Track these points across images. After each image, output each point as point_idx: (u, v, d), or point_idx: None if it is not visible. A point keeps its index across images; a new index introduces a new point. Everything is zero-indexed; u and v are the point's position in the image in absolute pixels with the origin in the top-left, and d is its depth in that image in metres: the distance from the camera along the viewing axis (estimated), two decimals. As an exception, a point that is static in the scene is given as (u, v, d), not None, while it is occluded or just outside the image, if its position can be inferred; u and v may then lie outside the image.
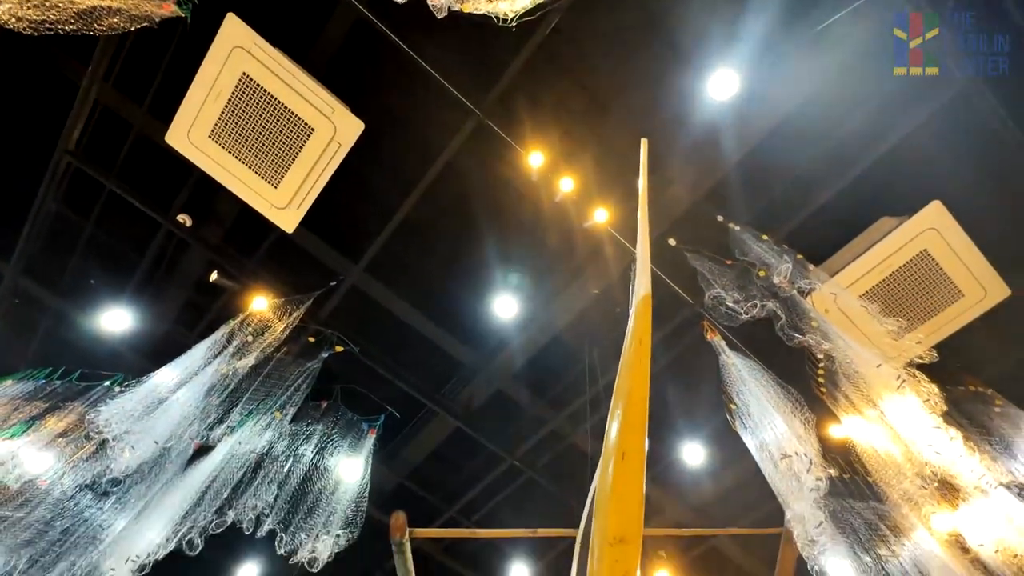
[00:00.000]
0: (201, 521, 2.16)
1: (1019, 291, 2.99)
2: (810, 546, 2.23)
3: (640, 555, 2.23)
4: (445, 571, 4.97)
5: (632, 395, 2.01)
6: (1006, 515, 2.70)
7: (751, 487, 4.14)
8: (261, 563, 4.97)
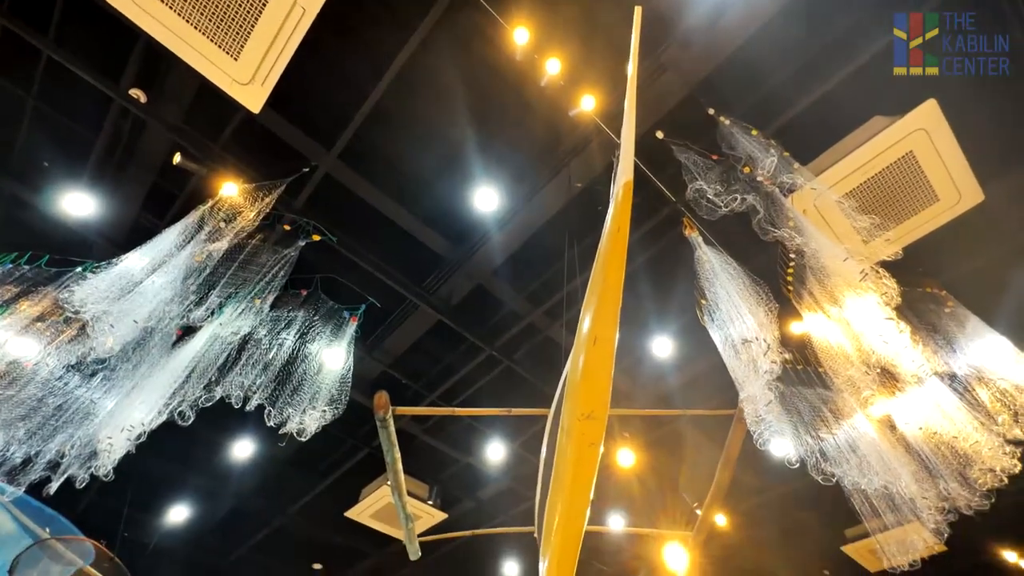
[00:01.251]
0: (190, 396, 2.26)
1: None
2: (758, 423, 2.46)
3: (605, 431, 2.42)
4: (427, 450, 5.43)
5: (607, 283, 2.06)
6: (934, 401, 3.00)
7: (713, 379, 4.47)
8: (255, 440, 5.33)
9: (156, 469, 5.79)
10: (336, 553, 7.07)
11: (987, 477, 2.90)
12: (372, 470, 5.55)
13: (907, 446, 3.06)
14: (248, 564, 7.36)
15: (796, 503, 5.71)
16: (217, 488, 6.02)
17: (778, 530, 6.08)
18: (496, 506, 5.97)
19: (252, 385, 2.33)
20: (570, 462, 2.59)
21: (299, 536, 6.76)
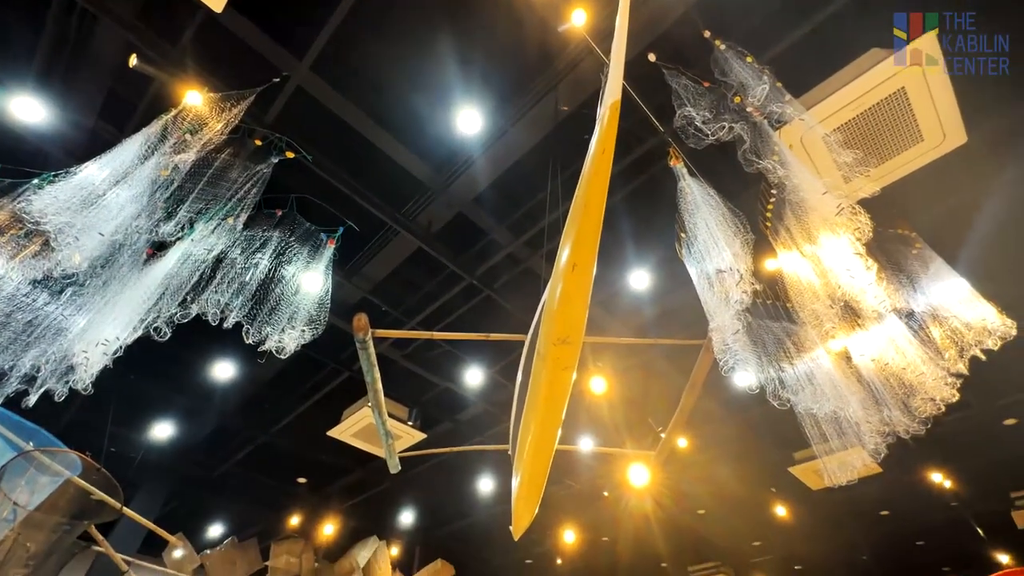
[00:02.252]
0: (165, 312, 2.24)
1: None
2: (725, 352, 2.58)
3: (579, 356, 2.49)
4: (407, 374, 5.58)
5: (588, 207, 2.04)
6: (890, 336, 3.18)
7: (686, 313, 4.61)
8: (236, 362, 5.39)
9: (138, 388, 5.85)
10: (320, 468, 7.43)
11: (927, 406, 3.14)
12: (353, 393, 5.71)
13: (859, 376, 3.27)
14: (233, 478, 7.70)
15: (751, 429, 6.15)
16: (200, 407, 6.15)
17: (733, 453, 6.58)
18: (473, 428, 6.27)
19: (229, 303, 2.31)
20: (544, 385, 2.70)
21: (283, 453, 7.04)
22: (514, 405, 3.13)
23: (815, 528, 8.32)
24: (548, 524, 8.39)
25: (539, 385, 2.78)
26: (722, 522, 8.23)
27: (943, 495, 7.18)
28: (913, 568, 7.30)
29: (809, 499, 7.33)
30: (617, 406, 5.61)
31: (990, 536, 8.33)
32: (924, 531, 8.44)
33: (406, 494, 8.12)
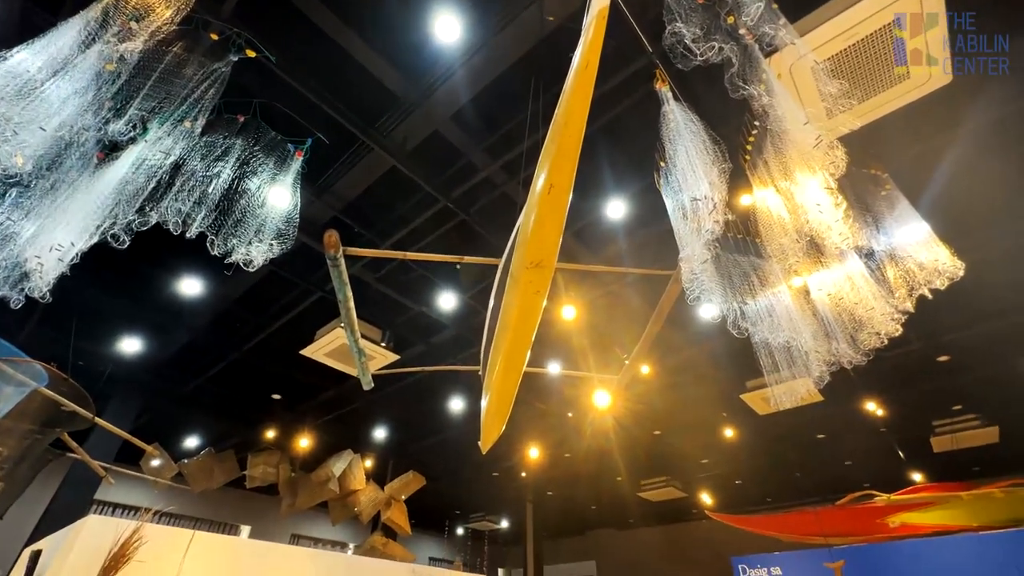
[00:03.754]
0: (122, 219, 2.13)
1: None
2: (692, 281, 2.65)
3: (551, 281, 2.50)
4: (381, 297, 5.58)
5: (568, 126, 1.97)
6: (847, 273, 3.32)
7: (659, 246, 4.68)
8: (203, 279, 5.27)
9: (101, 302, 5.70)
10: (294, 386, 7.58)
11: (872, 339, 3.35)
12: (326, 314, 5.72)
13: (814, 311, 3.44)
14: (207, 394, 7.80)
15: (708, 359, 6.50)
16: (169, 323, 6.07)
17: (690, 380, 7.00)
18: (446, 351, 6.43)
19: (191, 213, 2.21)
20: (516, 308, 2.74)
21: (256, 370, 7.12)
22: (486, 328, 3.19)
23: (757, 449, 9.13)
24: (514, 442, 8.92)
25: (511, 308, 2.82)
26: (675, 442, 8.92)
27: (874, 422, 7.90)
28: (838, 484, 8.16)
29: (755, 423, 7.96)
30: (585, 333, 5.81)
31: (909, 458, 9.33)
32: (852, 453, 9.36)
33: (380, 412, 8.42)
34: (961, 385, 6.84)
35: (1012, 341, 5.93)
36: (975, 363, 6.38)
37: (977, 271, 3.27)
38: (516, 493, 12.22)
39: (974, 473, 9.55)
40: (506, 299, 2.62)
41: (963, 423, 7.91)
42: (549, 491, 11.91)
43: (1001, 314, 5.56)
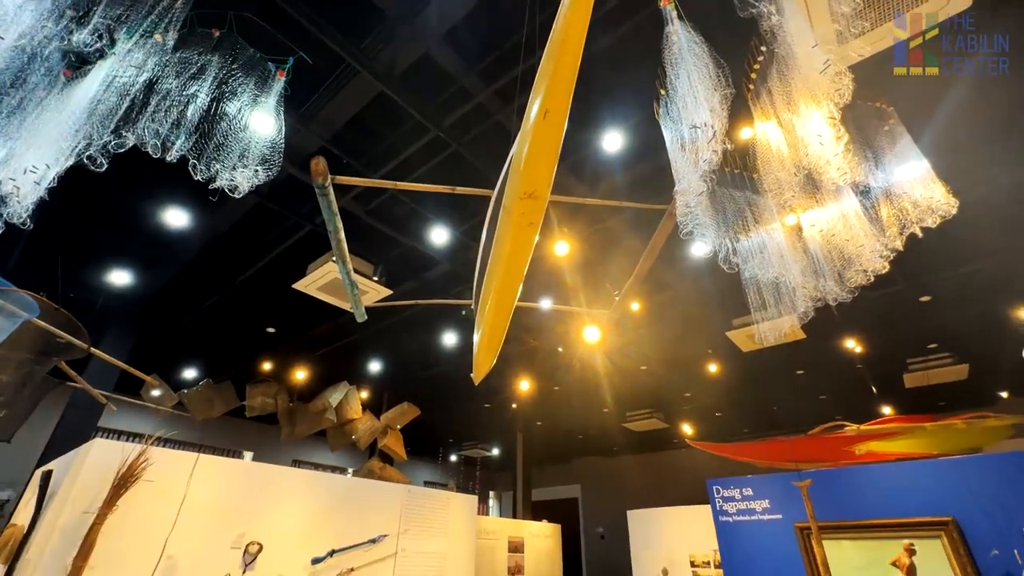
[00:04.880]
0: (98, 139, 2.03)
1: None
2: (686, 215, 2.63)
3: (544, 212, 2.47)
4: (371, 231, 5.51)
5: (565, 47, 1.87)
6: (841, 210, 3.31)
7: (655, 182, 4.60)
8: (188, 209, 5.15)
9: (86, 234, 5.59)
10: (288, 320, 7.65)
11: (859, 277, 3.40)
12: (317, 248, 5.67)
13: (805, 247, 3.46)
14: (200, 327, 7.87)
15: (697, 297, 6.61)
16: (157, 256, 6.00)
17: (678, 318, 7.15)
18: (439, 287, 6.46)
19: (169, 134, 2.11)
20: (509, 240, 2.72)
21: (249, 304, 7.15)
22: (478, 261, 3.19)
23: (738, 384, 9.52)
24: (506, 375, 9.22)
25: (504, 240, 2.81)
26: (660, 377, 9.25)
27: (851, 359, 8.21)
28: (812, 417, 8.59)
29: (738, 360, 8.25)
30: (577, 269, 5.84)
31: (881, 393, 9.80)
32: (828, 388, 9.80)
33: (374, 346, 8.59)
34: (939, 325, 7.07)
35: (993, 283, 6.06)
36: (955, 304, 6.55)
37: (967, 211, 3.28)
38: (507, 423, 12.80)
39: (940, 407, 10.09)
40: (499, 231, 2.60)
41: (936, 361, 8.25)
42: (538, 421, 12.48)
43: (987, 256, 5.65)
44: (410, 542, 6.44)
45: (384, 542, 6.08)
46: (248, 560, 4.86)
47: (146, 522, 4.34)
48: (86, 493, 4.10)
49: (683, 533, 8.59)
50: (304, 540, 5.38)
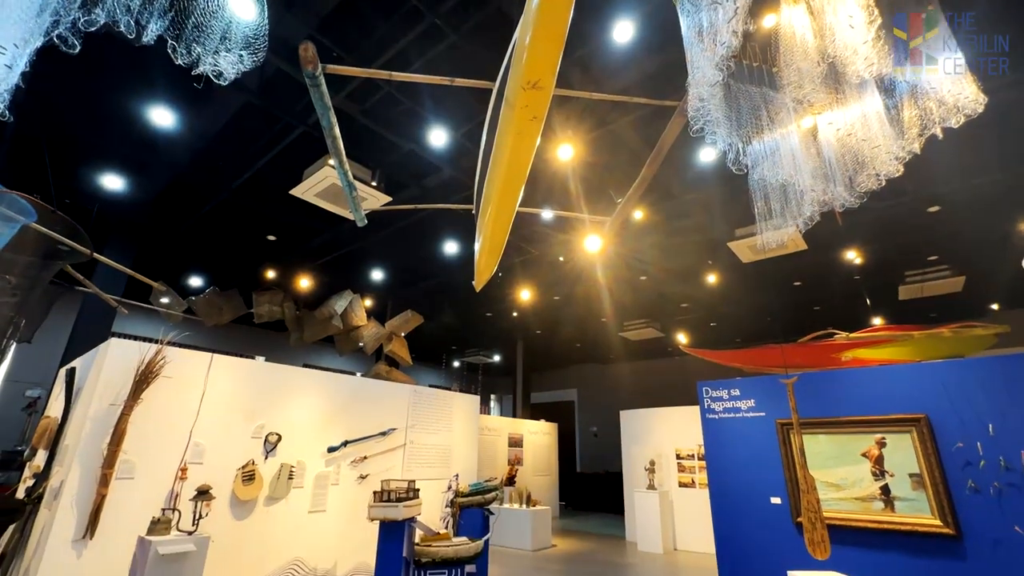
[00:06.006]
0: (66, 16, 1.87)
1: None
2: (698, 109, 2.50)
3: (548, 105, 2.33)
4: (368, 134, 5.29)
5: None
6: (861, 109, 3.14)
7: (666, 78, 4.32)
8: (175, 110, 4.90)
9: (73, 137, 5.38)
10: (288, 228, 7.61)
11: (871, 181, 3.31)
12: (312, 152, 5.48)
13: (818, 149, 3.33)
14: (200, 234, 7.85)
15: (701, 206, 6.51)
16: (148, 160, 5.82)
17: (681, 227, 7.10)
18: (438, 194, 6.33)
19: (142, 9, 1.93)
20: (511, 136, 2.61)
21: (247, 211, 7.07)
22: (479, 163, 3.08)
23: (736, 295, 9.69)
24: (507, 285, 9.36)
25: (506, 136, 2.69)
26: (659, 287, 9.40)
27: (850, 270, 8.28)
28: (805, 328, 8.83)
29: (738, 271, 8.32)
30: (580, 175, 5.69)
31: (874, 305, 10.01)
32: (823, 299, 9.99)
33: (376, 255, 8.63)
34: (942, 236, 7.03)
35: (1006, 195, 5.93)
36: (963, 215, 6.46)
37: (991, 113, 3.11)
38: (507, 331, 13.24)
39: (931, 319, 10.36)
40: (500, 128, 2.49)
41: (934, 273, 8.32)
42: (538, 330, 12.89)
43: (1003, 167, 5.47)
44: (417, 435, 6.94)
45: (393, 435, 6.56)
46: (269, 448, 5.27)
47: (171, 414, 4.65)
48: (110, 387, 4.34)
49: (670, 430, 9.24)
50: (319, 432, 5.81)
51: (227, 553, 4.71)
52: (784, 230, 4.01)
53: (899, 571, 4.53)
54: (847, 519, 4.81)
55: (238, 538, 4.84)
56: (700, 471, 8.63)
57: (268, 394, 5.43)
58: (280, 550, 5.12)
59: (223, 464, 4.87)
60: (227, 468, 4.89)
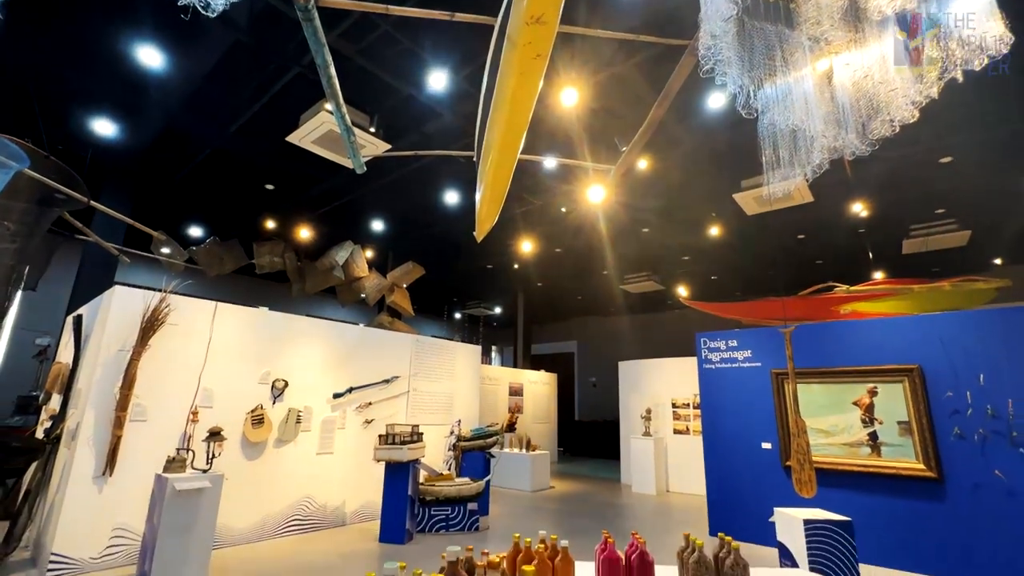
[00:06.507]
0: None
1: None
2: (709, 47, 2.39)
3: (552, 42, 2.23)
4: (365, 76, 5.09)
5: None
6: (881, 51, 3.00)
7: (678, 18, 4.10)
8: (162, 50, 4.70)
9: (58, 76, 5.18)
10: (287, 176, 7.48)
11: (884, 128, 3.21)
12: (307, 97, 5.29)
13: (832, 94, 3.21)
14: (198, 183, 7.73)
15: (707, 156, 6.35)
16: (138, 102, 5.64)
17: (686, 178, 6.96)
18: (440, 141, 6.17)
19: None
20: (513, 75, 2.51)
21: (243, 159, 6.92)
22: (480, 107, 2.98)
23: (738, 248, 9.64)
24: (508, 236, 9.31)
25: (508, 76, 2.59)
26: (661, 239, 9.34)
27: (855, 223, 8.19)
28: (805, 280, 8.83)
29: (742, 223, 8.24)
30: (584, 121, 5.53)
31: (876, 259, 9.97)
32: (826, 252, 9.95)
33: (376, 205, 8.53)
34: (951, 189, 6.90)
35: (1022, 147, 5.77)
36: (975, 167, 6.31)
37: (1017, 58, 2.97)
38: (508, 283, 13.29)
39: (933, 273, 10.34)
40: (503, 67, 2.39)
41: (940, 227, 8.23)
42: (539, 282, 12.94)
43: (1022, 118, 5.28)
44: (420, 383, 7.12)
45: (397, 383, 6.72)
46: (276, 394, 5.42)
47: (179, 361, 4.75)
48: (118, 333, 4.42)
49: (667, 381, 9.46)
50: (324, 379, 5.95)
51: (241, 490, 4.94)
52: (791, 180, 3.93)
53: (882, 511, 4.76)
54: (835, 463, 5.01)
55: (250, 477, 5.06)
56: (695, 419, 8.90)
57: (273, 342, 5.53)
58: (291, 488, 5.37)
59: (232, 408, 5.02)
60: (236, 412, 5.05)
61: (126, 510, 4.16)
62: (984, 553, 4.23)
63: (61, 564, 3.80)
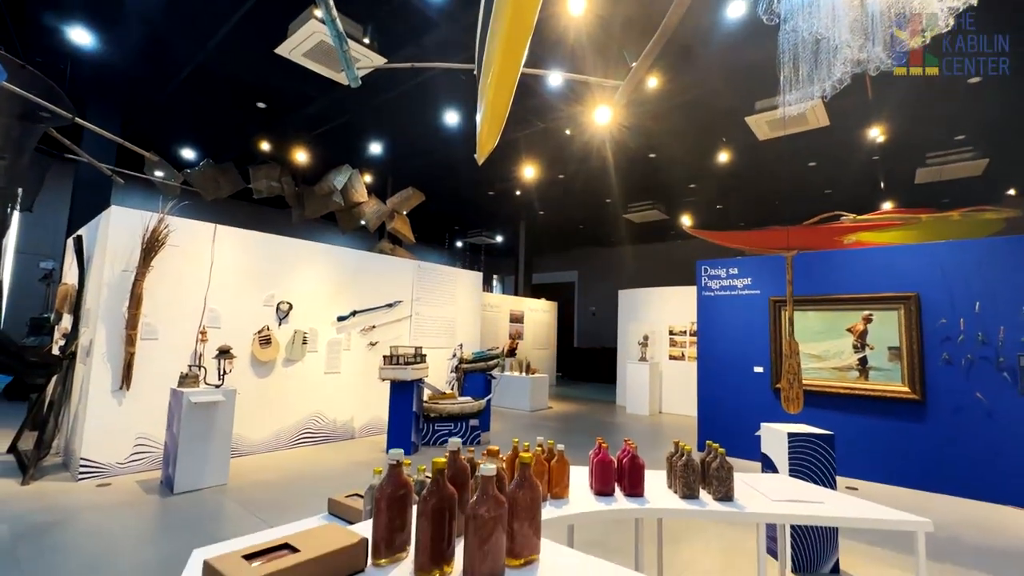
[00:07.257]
0: None
1: None
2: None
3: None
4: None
5: None
6: (923, -54, 2.72)
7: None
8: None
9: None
10: (278, 94, 7.14)
11: (915, 40, 3.00)
12: (294, 6, 4.91)
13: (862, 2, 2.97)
14: (185, 101, 7.39)
15: (720, 74, 5.99)
16: (113, 7, 5.25)
17: (697, 98, 6.62)
18: (439, 54, 5.81)
19: None
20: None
21: (231, 74, 6.57)
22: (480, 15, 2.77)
23: (747, 176, 9.38)
24: (510, 161, 9.04)
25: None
26: (668, 166, 9.07)
27: (870, 150, 7.90)
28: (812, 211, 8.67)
29: (752, 149, 7.95)
30: (590, 33, 5.17)
31: (888, 188, 9.73)
32: (836, 181, 9.69)
33: (373, 125, 8.21)
34: (974, 112, 6.58)
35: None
36: (1003, 90, 5.97)
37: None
38: (510, 211, 13.11)
39: (943, 204, 10.14)
40: (504, -37, 2.19)
41: (956, 155, 7.94)
42: (541, 211, 12.75)
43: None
44: (422, 308, 7.24)
45: (399, 307, 6.84)
46: (281, 316, 5.53)
47: (184, 282, 4.80)
48: (120, 254, 4.43)
49: (666, 309, 9.61)
50: (328, 302, 6.04)
51: (253, 405, 5.19)
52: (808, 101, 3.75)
53: (865, 430, 5.01)
54: (823, 386, 5.20)
55: (262, 393, 5.30)
56: (690, 346, 9.14)
57: (276, 265, 5.56)
58: (300, 404, 5.64)
59: (239, 328, 5.15)
60: (244, 332, 5.18)
61: (146, 420, 4.39)
62: (960, 468, 4.51)
63: (91, 468, 4.07)
